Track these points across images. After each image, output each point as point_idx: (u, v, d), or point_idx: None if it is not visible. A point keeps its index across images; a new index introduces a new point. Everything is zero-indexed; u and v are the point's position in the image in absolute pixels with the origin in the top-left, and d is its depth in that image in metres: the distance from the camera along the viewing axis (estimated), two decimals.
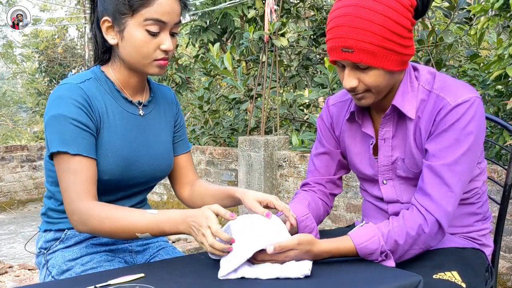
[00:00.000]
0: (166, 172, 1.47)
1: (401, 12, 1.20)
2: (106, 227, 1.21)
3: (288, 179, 4.01)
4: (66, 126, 1.25)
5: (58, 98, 1.27)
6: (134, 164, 1.35)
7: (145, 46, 1.28)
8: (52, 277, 1.35)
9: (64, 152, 1.24)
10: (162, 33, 1.28)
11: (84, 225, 1.23)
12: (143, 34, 1.27)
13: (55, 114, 1.25)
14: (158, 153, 1.42)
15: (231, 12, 6.65)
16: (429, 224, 1.23)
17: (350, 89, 1.27)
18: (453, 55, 4.95)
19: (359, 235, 1.23)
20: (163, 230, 1.20)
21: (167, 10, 1.27)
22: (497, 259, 1.55)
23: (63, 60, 13.21)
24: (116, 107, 1.35)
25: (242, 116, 5.50)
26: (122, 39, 1.29)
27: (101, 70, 1.37)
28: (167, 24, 1.28)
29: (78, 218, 1.23)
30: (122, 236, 1.23)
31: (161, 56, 1.30)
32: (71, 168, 1.24)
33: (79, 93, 1.28)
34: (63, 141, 1.24)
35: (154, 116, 1.44)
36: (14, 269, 3.60)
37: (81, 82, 1.31)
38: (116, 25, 1.29)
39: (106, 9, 1.29)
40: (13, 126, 15.33)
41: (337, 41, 1.21)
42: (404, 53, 1.23)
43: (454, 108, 1.23)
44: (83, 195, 1.23)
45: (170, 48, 1.29)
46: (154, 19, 1.26)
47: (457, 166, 1.24)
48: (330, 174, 1.54)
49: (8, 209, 6.05)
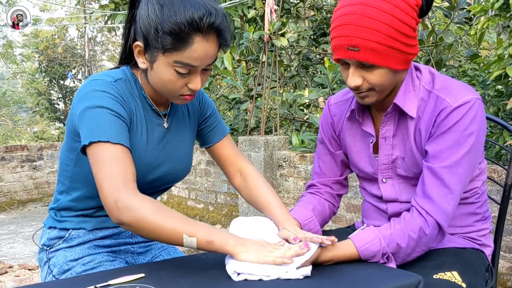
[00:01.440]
0: (183, 175, 1.45)
1: (407, 11, 1.20)
2: (158, 218, 1.11)
3: (288, 179, 4.01)
4: (106, 116, 1.19)
5: (92, 92, 1.21)
6: (154, 170, 1.33)
7: (171, 84, 1.23)
8: (53, 276, 1.35)
9: (105, 141, 1.16)
10: (192, 74, 1.23)
11: (130, 212, 1.11)
12: (171, 73, 1.21)
13: (91, 105, 1.19)
14: (180, 158, 1.40)
15: (231, 12, 6.64)
16: (430, 226, 1.23)
17: (354, 87, 1.27)
18: (453, 55, 4.95)
19: (360, 238, 1.23)
20: (213, 240, 1.12)
21: (200, 56, 1.19)
22: (497, 259, 1.56)
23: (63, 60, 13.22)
24: (143, 112, 1.32)
25: (242, 116, 5.50)
26: (151, 69, 1.24)
27: (131, 72, 1.33)
28: (198, 67, 1.22)
29: (123, 206, 1.11)
30: (167, 234, 1.12)
31: (187, 93, 1.26)
32: (113, 156, 1.15)
33: (114, 89, 1.24)
34: (103, 130, 1.17)
35: (176, 122, 1.41)
36: (14, 269, 3.60)
37: (114, 81, 1.27)
38: (147, 54, 1.23)
39: (140, 34, 1.22)
40: (13, 126, 15.33)
41: (343, 39, 1.21)
42: (409, 52, 1.23)
43: (455, 110, 1.23)
44: (132, 183, 1.14)
45: (197, 88, 1.24)
46: (184, 63, 1.19)
47: (457, 168, 1.24)
48: (336, 175, 1.54)
49: (8, 209, 6.05)
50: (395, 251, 1.23)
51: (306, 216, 1.42)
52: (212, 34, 1.19)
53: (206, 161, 4.98)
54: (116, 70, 1.33)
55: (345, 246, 1.23)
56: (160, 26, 1.16)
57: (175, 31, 1.15)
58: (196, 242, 1.11)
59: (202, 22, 1.16)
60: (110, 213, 1.13)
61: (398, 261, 1.25)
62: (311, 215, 1.43)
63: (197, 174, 5.13)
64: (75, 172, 1.34)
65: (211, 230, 1.14)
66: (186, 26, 1.15)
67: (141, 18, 1.20)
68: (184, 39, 1.16)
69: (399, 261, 1.25)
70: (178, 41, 1.16)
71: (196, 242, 1.12)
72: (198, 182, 5.12)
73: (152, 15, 1.18)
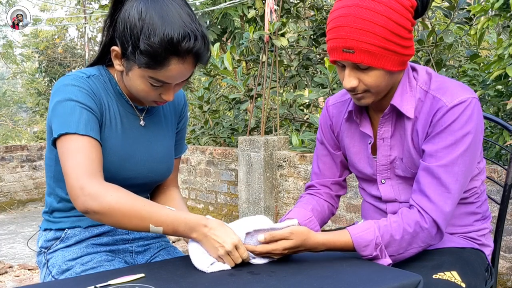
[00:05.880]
0: (166, 175, 1.46)
1: (402, 13, 1.20)
2: (123, 206, 1.13)
3: (288, 179, 4.01)
4: (75, 108, 1.20)
5: (64, 86, 1.24)
6: (129, 165, 1.34)
7: (145, 93, 1.25)
8: (52, 277, 1.35)
9: (73, 133, 1.17)
10: (166, 86, 1.24)
11: (96, 201, 1.12)
12: (145, 84, 1.23)
13: (62, 99, 1.21)
14: (158, 157, 1.41)
15: (231, 12, 6.65)
16: (427, 222, 1.24)
17: (350, 89, 1.27)
18: (453, 55, 4.95)
19: (356, 227, 1.25)
20: (177, 229, 1.16)
21: (175, 75, 1.20)
22: (497, 259, 1.56)
23: (63, 60, 13.23)
24: (117, 107, 1.34)
25: (242, 116, 5.50)
26: (126, 74, 1.25)
27: (106, 69, 1.35)
28: (173, 84, 1.24)
29: (89, 193, 1.12)
30: (134, 223, 1.14)
31: (160, 101, 1.29)
32: (79, 147, 1.16)
33: (85, 83, 1.26)
34: (71, 122, 1.18)
35: (157, 120, 1.42)
36: (14, 269, 3.60)
37: (87, 77, 1.29)
38: (124, 59, 1.24)
39: (119, 41, 1.22)
40: (13, 126, 15.34)
41: (338, 41, 1.21)
42: (404, 53, 1.23)
43: (451, 109, 1.23)
44: (98, 173, 1.15)
45: (170, 99, 1.27)
46: (158, 80, 1.21)
47: (454, 167, 1.24)
48: (335, 176, 1.55)
49: (8, 209, 6.05)
50: (388, 242, 1.24)
51: (306, 217, 1.43)
52: (189, 57, 1.19)
53: (206, 161, 4.98)
54: (90, 68, 1.34)
55: (340, 233, 1.24)
56: (137, 44, 1.16)
57: (151, 53, 1.15)
58: (162, 230, 1.16)
59: (180, 46, 1.16)
60: (75, 202, 1.14)
61: (393, 255, 1.25)
62: (310, 215, 1.44)
63: (197, 174, 5.13)
64: (57, 171, 1.34)
65: (176, 219, 1.16)
66: (163, 49, 1.15)
67: (122, 26, 1.20)
68: (160, 61, 1.16)
69: (394, 254, 1.25)
70: (153, 62, 1.17)
71: (162, 231, 1.16)
72: (198, 182, 5.12)
73: (132, 29, 1.17)
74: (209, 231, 1.15)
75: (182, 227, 1.16)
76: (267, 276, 1.10)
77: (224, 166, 4.78)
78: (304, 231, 1.20)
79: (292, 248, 1.18)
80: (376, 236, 1.22)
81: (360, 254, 1.24)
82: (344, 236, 1.24)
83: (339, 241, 1.23)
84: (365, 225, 1.25)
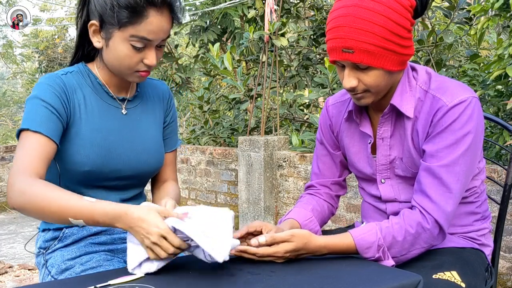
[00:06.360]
0: (156, 167, 1.47)
1: (401, 13, 1.20)
2: (42, 201, 1.15)
3: (288, 179, 4.01)
4: (38, 107, 1.26)
5: (37, 85, 1.31)
6: (115, 156, 1.36)
7: (128, 59, 1.28)
8: (51, 277, 1.35)
9: (26, 129, 1.23)
10: (147, 48, 1.28)
11: (21, 197, 1.16)
12: (127, 48, 1.27)
13: (30, 97, 1.28)
14: (145, 148, 1.42)
15: (231, 12, 6.65)
16: (429, 223, 1.24)
17: (350, 89, 1.27)
18: (453, 55, 4.95)
19: (358, 229, 1.25)
20: (97, 221, 1.14)
21: (155, 29, 1.26)
22: (497, 259, 1.56)
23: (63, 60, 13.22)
24: (97, 100, 1.37)
25: (242, 116, 5.51)
26: (106, 46, 1.30)
27: (85, 65, 1.40)
28: (153, 41, 1.28)
29: (17, 189, 1.16)
30: (54, 218, 1.16)
31: (143, 69, 1.31)
32: (26, 143, 1.22)
33: (57, 82, 1.31)
34: (30, 120, 1.24)
35: (140, 111, 1.45)
36: (14, 269, 3.60)
37: (63, 74, 1.35)
38: (103, 31, 1.29)
39: (95, 13, 1.29)
40: (13, 126, 15.34)
41: (338, 41, 1.21)
42: (404, 53, 1.24)
43: (451, 109, 1.23)
44: (29, 169, 1.19)
45: (153, 63, 1.30)
46: (140, 37, 1.25)
47: (455, 167, 1.24)
48: (335, 176, 1.55)
49: (8, 209, 6.05)
50: (391, 244, 1.24)
51: (306, 217, 1.43)
52: (165, 8, 1.26)
53: (206, 161, 4.98)
54: (71, 67, 1.40)
55: (342, 235, 1.24)
56: (116, 1, 1.23)
57: (131, 5, 1.22)
58: (83, 223, 1.16)
59: None
60: (7, 198, 1.19)
61: (396, 256, 1.25)
62: (310, 216, 1.44)
63: (197, 174, 5.13)
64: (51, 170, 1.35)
65: (94, 209, 1.13)
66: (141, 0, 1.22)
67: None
68: (140, 12, 1.23)
69: (396, 256, 1.25)
70: (133, 15, 1.23)
71: (84, 223, 1.16)
72: (198, 182, 5.12)
73: None
74: (132, 221, 1.10)
75: (101, 218, 1.13)
76: (267, 276, 1.10)
77: (224, 166, 4.78)
78: (306, 234, 1.20)
79: (293, 251, 1.18)
80: (378, 238, 1.22)
81: (362, 256, 1.23)
82: (346, 239, 1.23)
83: (341, 244, 1.23)
84: (366, 227, 1.25)
